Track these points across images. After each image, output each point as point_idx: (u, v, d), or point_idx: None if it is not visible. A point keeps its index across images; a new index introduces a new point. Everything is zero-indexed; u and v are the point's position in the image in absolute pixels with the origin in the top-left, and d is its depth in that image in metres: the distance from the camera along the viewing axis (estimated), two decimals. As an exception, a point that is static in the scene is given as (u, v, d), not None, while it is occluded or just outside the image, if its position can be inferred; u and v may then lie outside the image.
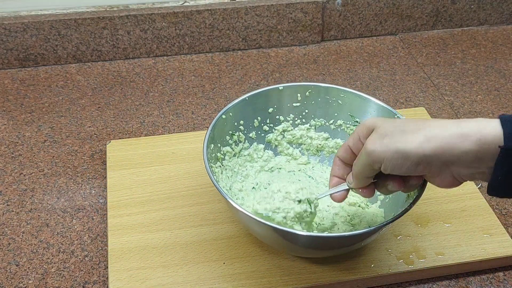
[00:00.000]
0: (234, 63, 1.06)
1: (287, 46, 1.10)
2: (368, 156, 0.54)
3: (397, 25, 1.14)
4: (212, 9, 1.03)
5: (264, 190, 0.62)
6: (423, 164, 0.52)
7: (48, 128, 0.89)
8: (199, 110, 0.94)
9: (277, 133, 0.77)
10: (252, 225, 0.63)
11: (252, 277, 0.66)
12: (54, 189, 0.79)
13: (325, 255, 0.67)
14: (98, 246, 0.71)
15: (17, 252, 0.70)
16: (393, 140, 0.52)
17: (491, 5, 1.15)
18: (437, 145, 0.51)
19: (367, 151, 0.54)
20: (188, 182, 0.77)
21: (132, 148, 0.82)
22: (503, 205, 0.78)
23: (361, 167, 0.56)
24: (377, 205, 0.72)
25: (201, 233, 0.70)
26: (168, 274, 0.66)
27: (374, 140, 0.54)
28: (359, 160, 0.57)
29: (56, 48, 1.01)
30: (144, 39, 1.04)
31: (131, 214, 0.72)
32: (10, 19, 0.98)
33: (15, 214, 0.75)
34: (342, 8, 1.09)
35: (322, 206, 0.72)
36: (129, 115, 0.93)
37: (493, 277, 0.69)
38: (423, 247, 0.69)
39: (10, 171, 0.81)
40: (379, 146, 0.53)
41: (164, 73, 1.03)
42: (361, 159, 0.56)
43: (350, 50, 1.10)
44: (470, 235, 0.71)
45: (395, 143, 0.52)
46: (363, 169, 0.56)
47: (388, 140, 0.53)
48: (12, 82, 0.99)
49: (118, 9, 1.02)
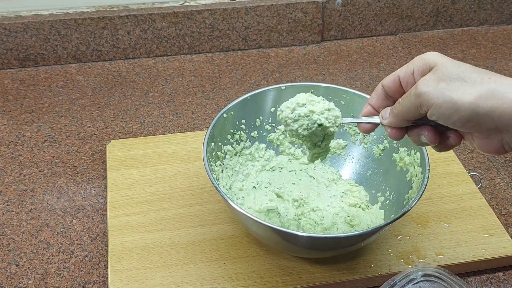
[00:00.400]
0: (234, 63, 1.06)
1: (287, 46, 1.10)
2: (418, 97, 0.49)
3: (397, 25, 1.14)
4: (212, 9, 1.03)
5: (291, 99, 0.60)
6: (472, 122, 0.48)
7: (48, 128, 0.89)
8: (199, 110, 0.94)
9: (279, 132, 0.77)
10: (251, 226, 0.63)
11: (252, 277, 0.66)
12: (54, 189, 0.79)
13: (325, 255, 0.67)
14: (98, 246, 0.71)
15: (17, 252, 0.70)
16: (449, 87, 0.48)
17: (491, 5, 1.15)
18: (494, 105, 0.46)
19: (418, 91, 0.49)
20: (188, 182, 0.77)
21: (132, 148, 0.82)
22: (503, 205, 0.78)
23: (406, 107, 0.51)
24: (377, 207, 0.72)
25: (201, 233, 0.70)
26: (168, 274, 0.66)
27: (429, 82, 0.49)
28: (406, 99, 0.52)
29: (56, 48, 1.01)
30: (144, 39, 1.04)
31: (131, 214, 0.72)
32: (10, 19, 0.98)
33: (15, 214, 0.75)
34: (342, 8, 1.09)
35: (322, 206, 0.72)
36: (129, 115, 0.93)
37: (493, 277, 0.69)
38: (423, 247, 0.69)
39: (10, 171, 0.81)
40: (432, 89, 0.48)
41: (164, 73, 1.03)
42: (409, 99, 0.51)
43: (350, 50, 1.10)
44: (470, 235, 0.71)
45: (450, 91, 0.48)
46: (407, 109, 0.51)
47: (444, 86, 0.48)
48: (12, 82, 0.99)
49: (118, 9, 1.02)
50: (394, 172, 0.72)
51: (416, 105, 0.50)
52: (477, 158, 0.86)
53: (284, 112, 0.60)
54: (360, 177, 0.76)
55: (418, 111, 0.50)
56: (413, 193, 0.66)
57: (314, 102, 0.60)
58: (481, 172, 0.83)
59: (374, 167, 0.75)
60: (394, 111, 0.54)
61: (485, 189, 0.80)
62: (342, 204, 0.72)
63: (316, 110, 0.59)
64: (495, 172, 0.83)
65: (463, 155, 0.86)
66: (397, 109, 0.53)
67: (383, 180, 0.74)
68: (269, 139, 0.77)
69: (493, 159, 0.85)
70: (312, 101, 0.60)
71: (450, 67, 0.49)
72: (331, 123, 0.59)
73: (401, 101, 0.53)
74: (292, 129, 0.59)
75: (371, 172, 0.75)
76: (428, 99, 0.48)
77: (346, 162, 0.78)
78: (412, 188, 0.67)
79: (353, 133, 0.76)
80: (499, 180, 0.82)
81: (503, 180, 0.82)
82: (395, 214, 0.64)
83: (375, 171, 0.75)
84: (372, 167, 0.75)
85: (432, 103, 0.48)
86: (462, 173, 0.80)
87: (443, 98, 0.48)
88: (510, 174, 0.83)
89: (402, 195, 0.68)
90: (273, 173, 0.76)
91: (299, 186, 0.74)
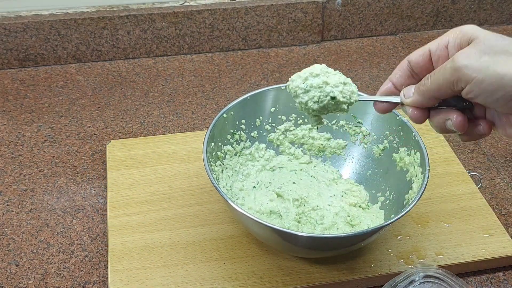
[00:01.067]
0: (234, 63, 1.06)
1: (287, 46, 1.10)
2: (455, 72, 0.45)
3: (397, 25, 1.14)
4: (212, 9, 1.03)
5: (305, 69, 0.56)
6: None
7: (48, 128, 0.89)
8: (199, 110, 0.94)
9: (279, 132, 0.77)
10: (251, 226, 0.63)
11: (252, 277, 0.66)
12: (54, 189, 0.79)
13: (325, 255, 0.67)
14: (98, 246, 0.71)
15: (17, 252, 0.70)
16: (494, 60, 0.44)
17: (491, 5, 1.15)
18: None
19: (456, 65, 0.45)
20: (188, 182, 0.77)
21: (132, 148, 0.82)
22: (503, 205, 0.78)
23: (437, 83, 0.47)
24: (378, 206, 0.72)
25: (201, 233, 0.70)
26: (168, 274, 0.66)
27: (470, 54, 0.45)
28: (438, 74, 0.47)
29: (56, 48, 1.01)
30: (144, 39, 1.04)
31: (131, 214, 0.72)
32: (10, 19, 0.98)
33: (15, 214, 0.75)
34: (342, 8, 1.09)
35: (322, 205, 0.72)
36: (129, 115, 0.93)
37: (493, 277, 0.69)
38: (423, 247, 0.69)
39: (10, 171, 0.81)
40: (474, 62, 0.44)
41: (164, 73, 1.03)
42: (443, 73, 0.46)
43: (350, 50, 1.10)
44: (470, 235, 0.71)
45: (495, 65, 0.44)
46: (438, 86, 0.47)
47: (487, 59, 0.44)
48: (12, 82, 0.99)
49: (118, 9, 1.02)
50: (394, 172, 0.72)
51: (451, 81, 0.46)
52: (477, 158, 0.86)
53: (295, 81, 0.56)
54: (360, 177, 0.76)
55: (452, 87, 0.46)
56: (413, 193, 0.66)
57: (329, 74, 0.55)
58: (481, 172, 0.83)
59: (374, 167, 0.75)
60: (421, 88, 0.49)
61: (485, 189, 0.80)
62: (343, 203, 0.72)
63: (330, 82, 0.54)
64: (495, 172, 0.83)
65: (463, 155, 0.86)
66: (426, 86, 0.48)
67: (383, 180, 0.74)
68: (269, 139, 0.77)
69: (493, 159, 0.85)
70: (327, 73, 0.55)
71: (493, 39, 0.45)
72: (345, 98, 0.55)
73: (431, 77, 0.48)
74: (302, 101, 0.55)
75: (371, 172, 0.75)
76: (468, 74, 0.44)
77: (346, 162, 0.78)
78: (412, 188, 0.67)
79: (353, 133, 0.76)
80: (499, 180, 0.82)
81: (503, 180, 0.82)
82: (395, 214, 0.64)
83: (375, 171, 0.75)
84: (372, 167, 0.75)
85: (472, 77, 0.44)
86: (462, 173, 0.80)
87: (487, 72, 0.44)
88: (510, 174, 0.83)
89: (402, 195, 0.68)
90: (273, 172, 0.76)
91: (299, 185, 0.74)
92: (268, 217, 0.69)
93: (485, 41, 0.45)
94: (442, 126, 0.50)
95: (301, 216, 0.70)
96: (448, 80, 0.46)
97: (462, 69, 0.45)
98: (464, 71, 0.45)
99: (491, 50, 0.45)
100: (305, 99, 0.55)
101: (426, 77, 0.49)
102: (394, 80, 0.53)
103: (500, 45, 0.45)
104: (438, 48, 0.50)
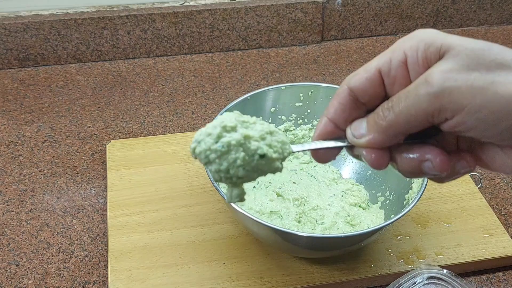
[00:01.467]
0: (234, 63, 1.06)
1: (287, 46, 1.10)
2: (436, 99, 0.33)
3: (397, 25, 1.14)
4: (212, 9, 1.03)
5: (211, 123, 0.41)
6: None
7: (48, 128, 0.89)
8: (199, 110, 0.94)
9: (278, 132, 0.77)
10: (252, 226, 0.63)
11: (252, 277, 0.66)
12: (54, 189, 0.79)
13: (325, 255, 0.67)
14: (98, 246, 0.71)
15: (17, 252, 0.70)
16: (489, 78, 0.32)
17: (491, 5, 1.15)
18: None
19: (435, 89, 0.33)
20: (188, 182, 0.77)
21: (132, 148, 0.82)
22: (503, 205, 0.78)
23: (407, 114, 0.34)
24: (378, 206, 0.72)
25: (201, 233, 0.70)
26: (168, 274, 0.66)
27: (451, 72, 0.33)
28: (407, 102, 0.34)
29: (56, 48, 1.01)
30: (144, 39, 1.04)
31: (131, 214, 0.72)
32: (10, 19, 0.98)
33: (15, 214, 0.75)
34: (342, 8, 1.09)
35: (323, 205, 0.72)
36: (129, 115, 0.93)
37: (493, 277, 0.69)
38: (423, 247, 0.69)
39: (10, 171, 0.81)
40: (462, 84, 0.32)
41: (164, 73, 1.03)
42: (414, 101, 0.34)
43: (350, 50, 1.10)
44: (470, 235, 0.71)
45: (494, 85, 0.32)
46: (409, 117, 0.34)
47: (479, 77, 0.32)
48: (12, 82, 0.99)
49: (118, 9, 1.02)
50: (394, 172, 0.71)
51: (429, 111, 0.33)
52: (477, 158, 0.86)
53: (203, 142, 0.40)
54: (360, 177, 0.76)
55: (430, 119, 0.34)
56: (413, 193, 0.66)
57: (248, 124, 0.41)
58: (481, 172, 0.83)
59: (374, 167, 0.75)
60: (380, 123, 0.36)
61: (485, 189, 0.80)
62: (343, 203, 0.72)
63: (254, 135, 0.40)
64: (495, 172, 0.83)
65: (463, 155, 0.86)
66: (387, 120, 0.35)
67: (383, 180, 0.74)
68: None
69: (493, 159, 0.85)
70: (245, 122, 0.41)
71: (476, 49, 0.33)
72: (277, 153, 0.40)
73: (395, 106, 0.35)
74: (220, 169, 0.39)
75: (371, 172, 0.75)
76: (457, 100, 0.32)
77: (346, 162, 0.78)
78: (412, 188, 0.67)
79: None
80: (499, 180, 0.82)
81: (503, 180, 0.82)
82: (395, 214, 0.64)
83: (375, 171, 0.75)
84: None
85: (463, 105, 0.32)
86: (462, 173, 0.79)
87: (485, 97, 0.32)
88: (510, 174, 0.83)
89: (402, 195, 0.68)
90: (273, 172, 0.76)
91: (299, 185, 0.74)
92: (268, 217, 0.68)
93: (465, 51, 0.33)
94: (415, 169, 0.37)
95: (301, 216, 0.70)
96: (425, 110, 0.33)
97: (445, 95, 0.32)
98: (450, 98, 0.32)
99: (479, 63, 0.33)
100: (224, 166, 0.39)
101: (384, 108, 0.36)
102: (331, 116, 0.39)
103: (488, 56, 0.33)
104: (391, 67, 0.36)
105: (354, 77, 0.38)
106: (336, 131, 0.39)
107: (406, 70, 0.36)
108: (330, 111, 0.39)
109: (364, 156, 0.38)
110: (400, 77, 0.36)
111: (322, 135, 0.40)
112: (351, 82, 0.38)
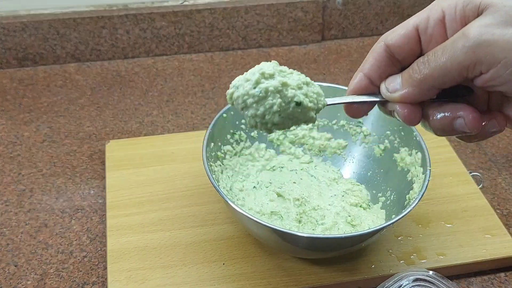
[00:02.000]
0: (234, 62, 1.05)
1: (287, 46, 1.10)
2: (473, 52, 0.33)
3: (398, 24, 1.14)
4: (212, 8, 1.03)
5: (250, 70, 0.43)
6: None
7: (47, 128, 0.89)
8: (199, 109, 0.94)
9: (279, 132, 0.77)
10: (251, 227, 0.62)
11: (252, 277, 0.65)
12: (52, 189, 0.79)
13: (325, 256, 0.67)
14: (97, 247, 0.71)
15: (16, 253, 0.70)
16: None
17: (492, 4, 1.15)
18: None
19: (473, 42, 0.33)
20: (187, 182, 0.76)
21: (131, 148, 0.81)
22: (505, 205, 0.78)
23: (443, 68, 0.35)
24: (379, 206, 0.72)
25: (200, 234, 0.70)
26: (168, 275, 0.65)
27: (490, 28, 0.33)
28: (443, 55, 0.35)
29: (55, 48, 1.01)
30: (143, 39, 1.03)
31: (130, 215, 0.72)
32: (8, 19, 0.97)
33: (14, 214, 0.75)
34: (342, 7, 1.08)
35: (323, 205, 0.71)
36: (128, 115, 0.92)
37: (495, 278, 0.69)
38: (424, 248, 0.69)
39: (8, 171, 0.81)
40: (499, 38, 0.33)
41: (164, 72, 1.02)
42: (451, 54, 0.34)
43: (351, 49, 1.10)
44: (471, 236, 0.71)
45: None
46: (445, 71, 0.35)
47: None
48: (10, 81, 0.98)
49: (117, 8, 1.02)
50: (395, 172, 0.72)
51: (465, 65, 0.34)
52: (478, 158, 0.85)
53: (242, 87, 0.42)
54: (361, 177, 0.76)
55: (465, 73, 0.35)
56: (414, 193, 0.65)
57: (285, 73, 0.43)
58: (482, 173, 0.82)
59: (375, 167, 0.75)
60: (416, 76, 0.37)
61: (486, 189, 0.80)
62: (343, 203, 0.72)
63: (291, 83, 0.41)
64: (496, 172, 0.83)
65: (464, 155, 0.86)
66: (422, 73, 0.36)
67: (384, 180, 0.73)
68: (269, 139, 0.77)
69: (495, 160, 0.85)
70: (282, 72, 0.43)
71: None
72: (312, 103, 0.42)
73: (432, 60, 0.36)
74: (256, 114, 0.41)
75: (371, 172, 0.75)
76: (494, 53, 0.33)
77: (346, 162, 0.77)
78: (413, 188, 0.66)
79: (354, 133, 0.76)
80: (500, 180, 0.82)
81: (505, 181, 0.82)
82: (396, 214, 0.64)
83: (376, 171, 0.75)
84: (372, 167, 0.75)
85: (499, 59, 0.33)
86: (463, 173, 0.79)
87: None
88: (511, 175, 0.83)
89: (403, 196, 0.68)
90: (274, 172, 0.76)
91: (300, 185, 0.73)
92: (268, 218, 0.68)
93: (504, 8, 0.33)
94: (447, 127, 0.38)
95: (302, 216, 0.70)
96: (461, 63, 0.34)
97: (482, 48, 0.33)
98: (486, 51, 0.33)
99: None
100: (260, 111, 0.40)
101: (420, 62, 0.37)
102: (367, 72, 0.40)
103: None
104: (428, 24, 0.37)
105: (391, 34, 0.40)
106: (370, 86, 0.40)
107: (443, 28, 0.37)
108: (365, 67, 0.40)
109: (398, 111, 0.39)
110: (437, 34, 0.37)
111: (356, 89, 0.41)
112: (388, 39, 0.39)
